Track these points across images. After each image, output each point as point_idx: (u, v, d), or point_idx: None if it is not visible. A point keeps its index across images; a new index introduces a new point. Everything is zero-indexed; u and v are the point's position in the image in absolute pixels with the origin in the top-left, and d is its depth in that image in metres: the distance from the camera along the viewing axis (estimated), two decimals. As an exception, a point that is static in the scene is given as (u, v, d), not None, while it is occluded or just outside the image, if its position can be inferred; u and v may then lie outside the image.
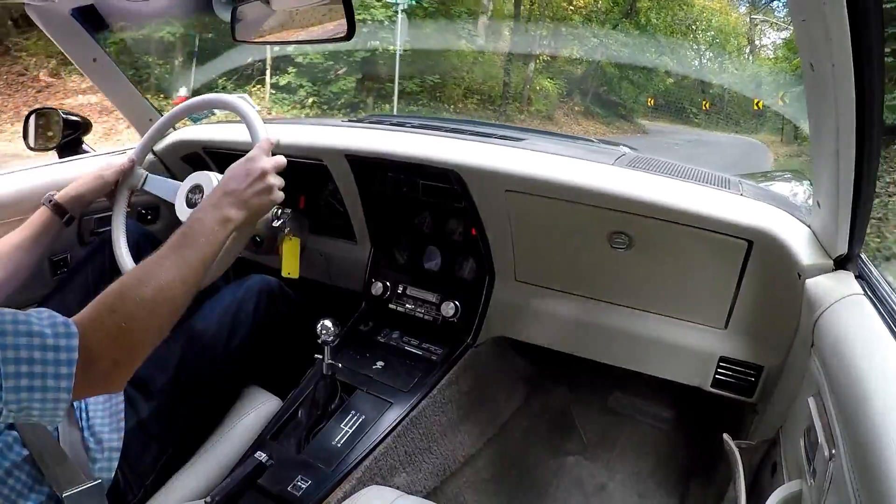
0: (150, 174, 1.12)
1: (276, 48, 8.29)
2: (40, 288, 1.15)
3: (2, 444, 0.71)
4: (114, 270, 1.03)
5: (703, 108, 17.30)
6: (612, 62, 14.12)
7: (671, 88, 16.55)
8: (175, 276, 0.68)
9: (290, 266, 1.25)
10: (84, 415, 0.86)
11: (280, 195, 0.85)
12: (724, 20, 16.49)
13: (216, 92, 2.04)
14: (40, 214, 0.98)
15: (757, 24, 16.69)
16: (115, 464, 0.84)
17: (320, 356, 1.06)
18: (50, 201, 0.99)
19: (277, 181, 0.84)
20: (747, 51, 17.36)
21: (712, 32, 16.48)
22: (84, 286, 1.07)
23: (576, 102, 13.79)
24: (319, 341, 1.01)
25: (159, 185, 1.12)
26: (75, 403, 0.86)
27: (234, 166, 0.84)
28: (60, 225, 1.00)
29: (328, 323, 1.01)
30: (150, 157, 1.40)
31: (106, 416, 0.88)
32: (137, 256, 1.09)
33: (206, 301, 1.08)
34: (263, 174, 0.82)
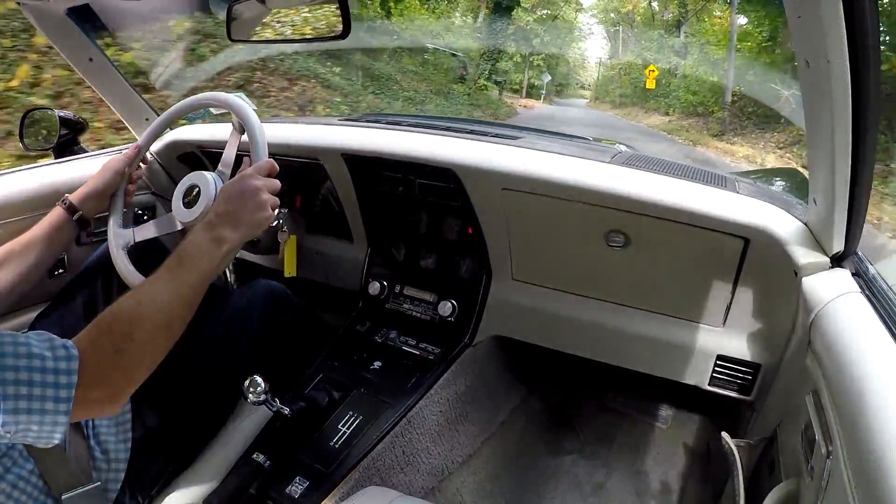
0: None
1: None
2: (37, 288, 1.14)
3: (8, 457, 0.71)
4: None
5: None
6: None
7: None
8: (172, 298, 0.68)
9: (290, 266, 1.25)
10: (91, 432, 0.85)
11: (273, 213, 0.83)
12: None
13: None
14: (53, 214, 0.98)
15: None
16: (122, 475, 0.84)
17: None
18: (64, 202, 0.99)
19: (271, 199, 0.83)
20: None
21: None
22: (92, 290, 1.07)
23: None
24: (248, 401, 0.89)
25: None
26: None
27: (228, 186, 0.82)
28: (72, 224, 0.99)
29: (258, 379, 0.89)
30: (146, 157, 1.40)
31: (112, 426, 0.87)
32: (144, 260, 1.09)
33: (213, 308, 1.07)
34: (256, 191, 0.81)
